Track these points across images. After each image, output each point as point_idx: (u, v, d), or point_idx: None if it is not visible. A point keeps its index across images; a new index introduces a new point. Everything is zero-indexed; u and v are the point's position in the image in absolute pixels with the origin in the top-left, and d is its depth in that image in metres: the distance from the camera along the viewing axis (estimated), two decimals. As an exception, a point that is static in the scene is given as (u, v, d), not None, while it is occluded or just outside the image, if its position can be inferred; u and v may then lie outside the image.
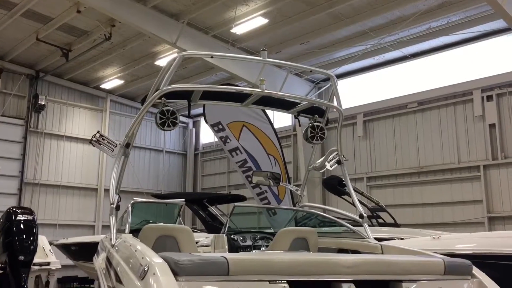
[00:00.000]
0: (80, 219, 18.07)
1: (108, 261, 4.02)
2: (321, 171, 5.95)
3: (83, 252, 12.00)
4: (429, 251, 3.74)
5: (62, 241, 13.49)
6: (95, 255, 5.36)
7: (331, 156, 5.58)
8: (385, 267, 3.12)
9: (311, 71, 5.09)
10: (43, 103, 17.44)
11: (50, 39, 15.21)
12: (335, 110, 4.85)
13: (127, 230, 4.38)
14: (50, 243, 9.84)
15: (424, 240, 7.10)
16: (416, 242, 6.67)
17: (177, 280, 2.65)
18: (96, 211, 18.46)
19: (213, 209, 12.04)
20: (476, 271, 3.25)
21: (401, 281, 3.03)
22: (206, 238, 7.84)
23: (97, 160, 18.78)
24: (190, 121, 22.27)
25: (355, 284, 2.92)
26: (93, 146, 4.78)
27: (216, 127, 11.73)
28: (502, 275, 3.33)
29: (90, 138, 4.96)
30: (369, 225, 5.14)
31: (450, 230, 11.05)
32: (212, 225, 11.04)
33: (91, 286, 17.19)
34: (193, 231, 5.49)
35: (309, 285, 2.88)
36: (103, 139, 4.76)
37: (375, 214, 11.07)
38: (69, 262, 13.56)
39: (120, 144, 4.77)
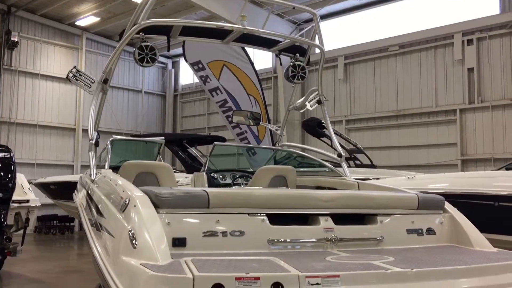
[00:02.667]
0: (58, 158, 17.98)
1: (89, 196, 4.05)
2: (301, 111, 5.97)
3: (62, 191, 12.06)
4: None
5: (40, 180, 13.49)
6: (75, 192, 5.38)
7: (311, 96, 5.58)
8: (360, 201, 3.21)
9: (293, 8, 4.98)
10: (16, 39, 16.84)
11: (21, -29, 14.50)
12: (316, 49, 4.81)
13: (106, 166, 4.37)
14: (29, 182, 9.80)
15: (399, 180, 7.31)
16: (392, 182, 6.87)
17: (158, 212, 2.69)
18: (74, 151, 18.35)
19: (192, 150, 12.09)
20: (448, 206, 3.37)
21: (376, 214, 3.13)
22: (186, 178, 7.91)
23: (74, 100, 18.47)
24: (169, 62, 21.87)
25: (332, 217, 3.00)
26: (70, 82, 4.68)
27: (196, 66, 11.57)
28: (472, 212, 3.46)
29: (66, 76, 4.83)
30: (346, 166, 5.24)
31: (424, 171, 11.34)
32: (192, 166, 11.12)
33: (71, 224, 17.38)
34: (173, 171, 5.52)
35: (287, 218, 2.96)
36: (80, 75, 4.65)
37: (352, 156, 11.28)
38: (49, 201, 13.62)
39: (97, 80, 4.68)
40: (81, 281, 8.20)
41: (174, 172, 6.60)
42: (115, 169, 4.54)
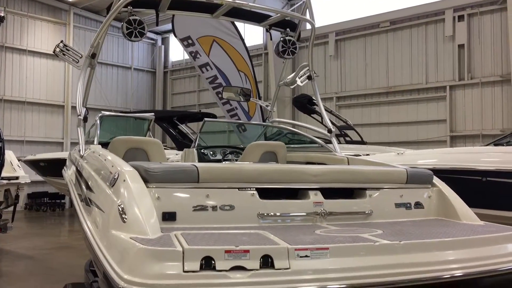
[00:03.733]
0: (47, 136, 17.83)
1: (78, 172, 4.03)
2: (292, 87, 5.95)
3: (52, 168, 11.99)
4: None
5: (30, 157, 13.39)
6: (64, 168, 5.35)
7: (302, 72, 5.56)
8: (350, 175, 3.23)
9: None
10: (2, 14, 16.41)
11: None
12: (307, 25, 4.77)
13: (95, 142, 4.35)
14: (18, 159, 9.73)
15: (389, 155, 7.35)
16: (381, 158, 6.90)
17: (147, 187, 2.68)
18: (63, 128, 18.20)
19: (183, 127, 12.06)
20: (436, 180, 3.40)
21: (365, 189, 3.15)
22: (176, 154, 7.89)
23: (63, 77, 18.24)
24: (159, 38, 21.61)
25: (321, 191, 3.02)
26: (57, 56, 4.60)
27: (185, 41, 11.43)
28: (461, 187, 3.50)
29: (53, 51, 4.75)
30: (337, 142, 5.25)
31: (414, 148, 11.42)
32: (182, 143, 11.10)
33: (62, 201, 17.36)
34: (164, 148, 5.50)
35: (277, 193, 2.97)
36: (67, 50, 4.58)
37: (342, 132, 11.31)
38: (39, 178, 13.56)
39: (85, 55, 4.61)
40: (73, 257, 8.23)
41: (165, 149, 6.59)
42: (104, 145, 4.51)
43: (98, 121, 4.71)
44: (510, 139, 7.35)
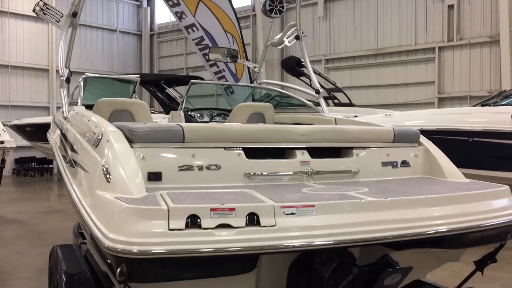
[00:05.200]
0: (33, 100, 17.59)
1: (62, 134, 3.97)
2: (279, 47, 5.86)
3: (39, 132, 11.86)
4: (380, 124, 3.85)
5: (15, 122, 13.25)
6: (49, 131, 5.28)
7: (289, 32, 5.47)
8: (337, 134, 3.21)
9: None
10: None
11: None
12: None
13: (79, 104, 4.26)
14: (3, 124, 9.60)
15: (377, 117, 7.36)
16: (369, 119, 6.90)
17: (132, 147, 2.64)
18: (49, 92, 17.94)
19: (171, 91, 11.92)
20: (423, 139, 3.40)
21: (352, 148, 3.14)
22: (164, 118, 7.81)
23: (47, 40, 17.85)
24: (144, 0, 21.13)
25: (308, 151, 3.00)
26: (37, 16, 4.47)
27: (170, 1, 11.14)
28: (447, 148, 3.50)
29: (33, 9, 4.61)
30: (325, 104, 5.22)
31: (402, 110, 11.45)
32: (170, 107, 10.99)
33: (50, 166, 17.28)
34: (151, 112, 5.42)
35: (264, 153, 2.95)
36: (48, 8, 4.44)
37: (331, 95, 11.28)
38: (26, 143, 13.46)
39: (66, 14, 4.47)
40: (62, 220, 8.25)
41: (152, 113, 6.51)
42: (89, 108, 4.44)
43: (82, 83, 4.61)
44: (497, 100, 7.37)
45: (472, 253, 2.88)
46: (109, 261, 2.12)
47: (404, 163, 3.25)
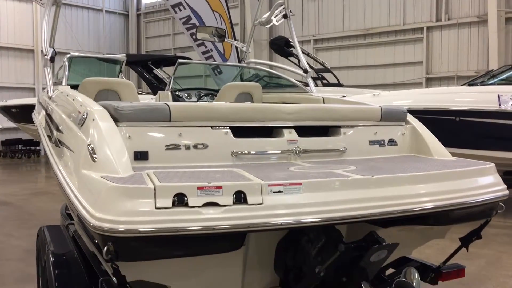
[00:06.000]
0: (18, 81, 17.34)
1: (47, 114, 3.91)
2: (268, 26, 5.80)
3: (25, 114, 11.69)
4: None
5: (1, 103, 13.07)
6: (34, 112, 5.21)
7: (277, 11, 5.40)
8: (324, 113, 3.20)
9: None
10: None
11: None
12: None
13: (64, 83, 4.20)
14: (-12, 105, 9.48)
15: (365, 97, 7.36)
16: (357, 99, 6.91)
17: (117, 126, 2.61)
18: (35, 73, 17.69)
19: (158, 72, 11.79)
20: (410, 118, 3.40)
21: (339, 126, 3.14)
22: (152, 99, 7.74)
23: (31, 19, 17.52)
24: (130, -22, 20.80)
25: (296, 129, 2.99)
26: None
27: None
28: (435, 127, 3.51)
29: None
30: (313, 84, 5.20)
31: (390, 90, 11.46)
32: (158, 87, 10.87)
33: (37, 148, 17.13)
34: (139, 94, 5.36)
35: (251, 131, 2.93)
36: (30, -14, 4.33)
37: (320, 75, 11.24)
38: (12, 125, 13.30)
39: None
40: (49, 202, 8.21)
41: (140, 94, 6.43)
42: (74, 88, 4.38)
43: (67, 62, 4.53)
44: (484, 80, 7.41)
45: (457, 231, 2.92)
46: (96, 240, 2.11)
47: (391, 142, 3.25)
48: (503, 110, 6.38)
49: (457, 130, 6.51)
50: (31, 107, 9.03)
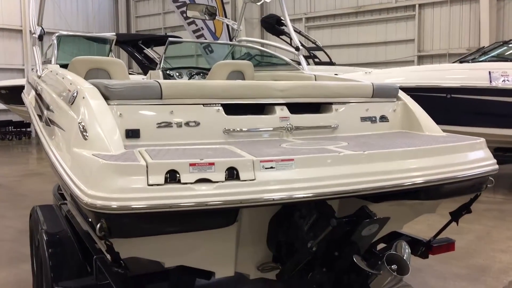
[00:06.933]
0: (7, 62, 17.11)
1: (37, 93, 3.88)
2: (259, 3, 5.76)
3: (15, 95, 11.59)
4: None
5: (-10, 85, 12.91)
6: (24, 92, 5.16)
7: (268, -12, 5.36)
8: (316, 90, 3.20)
9: None
10: None
11: None
12: None
13: (53, 62, 4.15)
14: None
15: (357, 75, 7.35)
16: (349, 77, 6.90)
17: (108, 104, 2.59)
18: (23, 54, 17.46)
19: (149, 51, 11.67)
20: (401, 94, 3.41)
21: (331, 103, 3.14)
22: (143, 79, 7.69)
23: (18, -1, 17.24)
24: (118, -44, 20.44)
25: (288, 106, 2.99)
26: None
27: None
28: (426, 105, 3.52)
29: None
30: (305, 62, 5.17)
31: (382, 68, 11.44)
32: (149, 67, 10.77)
33: (28, 129, 17.01)
34: (130, 74, 5.31)
35: (243, 109, 2.93)
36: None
37: (311, 54, 11.19)
38: (2, 107, 13.17)
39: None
40: (41, 183, 8.19)
41: (131, 74, 6.37)
42: (64, 67, 4.33)
43: (56, 41, 4.46)
44: (476, 57, 7.41)
45: (448, 206, 2.95)
46: (89, 218, 2.11)
47: (383, 118, 3.26)
48: (494, 86, 6.40)
49: (449, 107, 6.54)
50: (21, 88, 8.94)
